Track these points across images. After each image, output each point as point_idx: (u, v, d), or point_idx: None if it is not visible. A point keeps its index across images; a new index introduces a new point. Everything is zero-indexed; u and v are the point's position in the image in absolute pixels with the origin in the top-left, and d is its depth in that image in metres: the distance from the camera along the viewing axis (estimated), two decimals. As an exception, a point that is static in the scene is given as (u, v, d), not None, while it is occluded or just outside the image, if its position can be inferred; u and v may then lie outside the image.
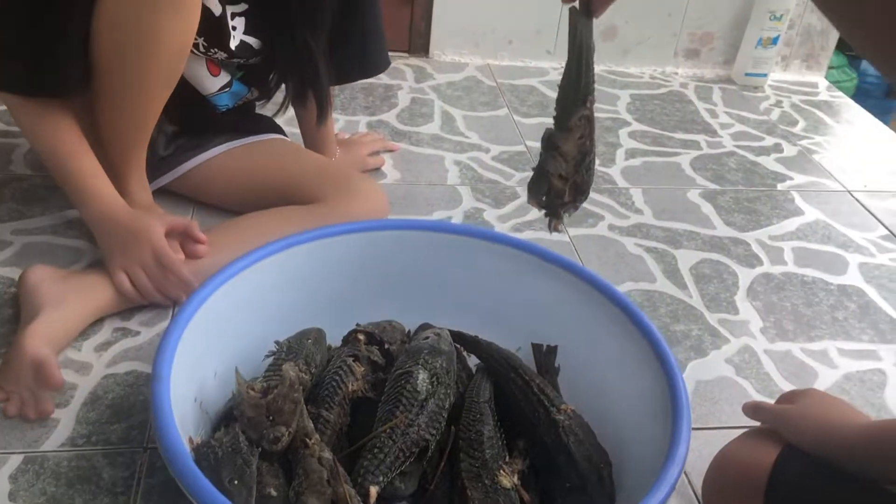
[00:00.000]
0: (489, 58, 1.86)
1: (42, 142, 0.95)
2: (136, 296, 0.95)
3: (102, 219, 0.96)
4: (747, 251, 1.26)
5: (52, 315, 0.87)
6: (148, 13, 0.87)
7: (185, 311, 0.76)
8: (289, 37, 1.06)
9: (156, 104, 0.98)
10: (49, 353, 0.82)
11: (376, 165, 1.37)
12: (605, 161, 1.48)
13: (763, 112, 1.78)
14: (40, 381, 0.81)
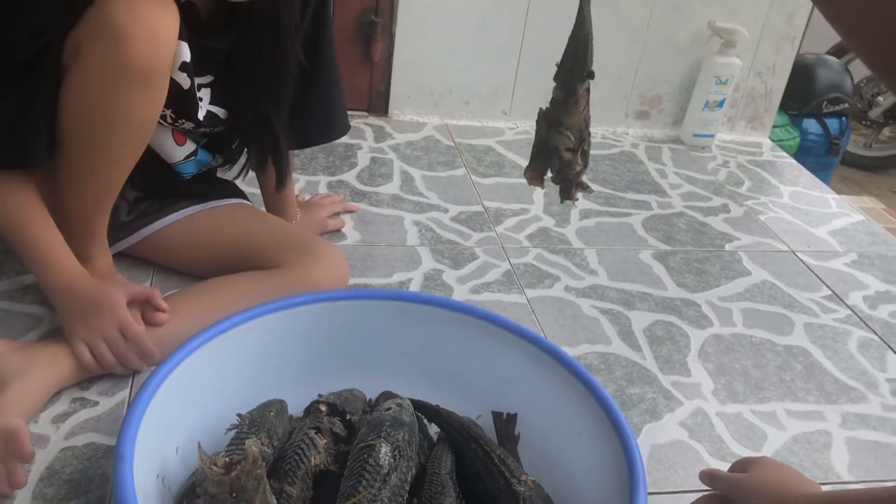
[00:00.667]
0: (447, 118, 1.90)
1: (4, 221, 0.95)
2: (97, 367, 0.95)
3: (62, 289, 0.96)
4: (698, 312, 1.30)
5: (20, 385, 0.87)
6: (118, 89, 0.89)
7: (148, 388, 0.76)
8: (251, 107, 1.08)
9: (121, 174, 0.99)
10: (21, 424, 0.81)
11: (336, 227, 1.39)
12: (559, 221, 1.52)
13: (710, 172, 1.84)
14: (12, 452, 0.80)
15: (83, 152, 0.95)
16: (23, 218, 0.95)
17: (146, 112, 0.93)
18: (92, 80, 0.89)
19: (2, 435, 0.80)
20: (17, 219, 0.95)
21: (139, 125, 0.94)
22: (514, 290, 1.29)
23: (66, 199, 1.00)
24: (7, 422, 0.81)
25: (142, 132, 0.96)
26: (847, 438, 1.08)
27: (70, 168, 0.96)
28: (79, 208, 1.01)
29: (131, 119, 0.92)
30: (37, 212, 0.96)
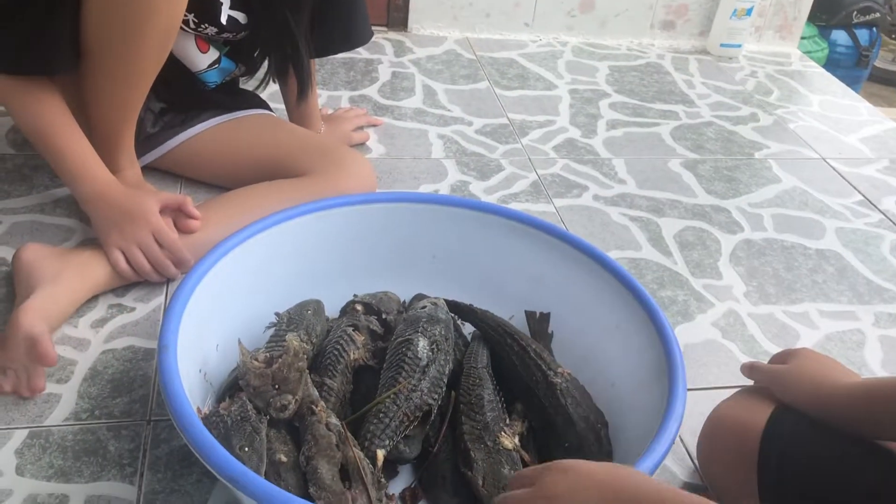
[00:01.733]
0: (468, 31, 1.86)
1: (31, 121, 0.95)
2: (132, 275, 0.96)
3: (96, 198, 0.96)
4: (728, 218, 1.29)
5: (48, 292, 0.87)
6: None
7: (187, 285, 0.77)
8: (270, 13, 1.06)
9: (145, 81, 0.97)
10: (43, 330, 0.82)
11: (361, 141, 1.38)
12: (586, 132, 1.50)
13: (738, 82, 1.80)
14: (33, 357, 0.81)
15: (108, 60, 0.93)
16: (52, 127, 0.94)
17: (169, 15, 0.91)
18: None
19: (25, 340, 0.81)
20: (47, 128, 0.94)
21: (163, 30, 0.92)
22: (541, 199, 1.28)
23: (93, 110, 0.99)
24: (29, 328, 0.82)
25: (165, 37, 0.94)
26: (881, 336, 1.07)
27: (95, 77, 0.95)
28: (105, 119, 1.00)
29: (154, 21, 0.90)
30: (66, 121, 0.95)
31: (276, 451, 0.69)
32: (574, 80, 1.70)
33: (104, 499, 0.74)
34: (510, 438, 0.76)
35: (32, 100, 0.93)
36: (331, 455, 0.68)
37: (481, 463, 0.73)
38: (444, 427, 0.78)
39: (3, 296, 0.95)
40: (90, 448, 0.78)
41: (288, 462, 0.68)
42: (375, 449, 0.71)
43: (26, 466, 0.76)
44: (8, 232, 1.05)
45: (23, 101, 0.94)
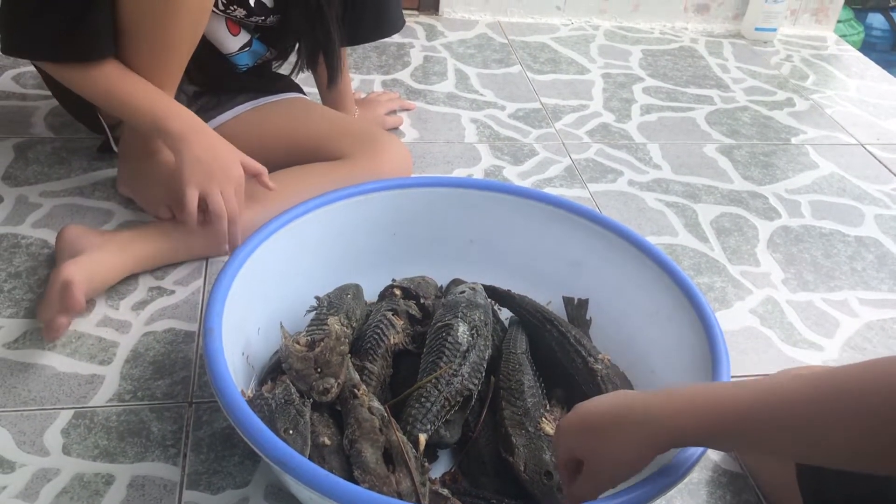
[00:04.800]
0: (499, 15, 1.85)
1: (95, 89, 0.95)
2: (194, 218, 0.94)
3: (190, 133, 0.94)
4: (765, 204, 1.27)
5: (92, 257, 0.89)
6: None
7: (229, 269, 0.77)
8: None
9: (179, 62, 0.98)
10: (80, 280, 0.85)
11: (395, 125, 1.37)
12: (620, 117, 1.48)
13: (774, 66, 1.78)
14: (64, 301, 0.83)
15: (142, 41, 0.94)
16: (121, 84, 0.94)
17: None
18: None
19: (60, 285, 0.83)
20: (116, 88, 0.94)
21: (196, 8, 0.92)
22: (576, 184, 1.27)
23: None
24: (68, 275, 0.84)
25: (198, 16, 0.94)
26: (922, 325, 1.06)
27: (130, 58, 0.95)
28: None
29: (188, 2, 0.91)
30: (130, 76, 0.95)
31: (320, 434, 0.69)
32: (607, 64, 1.69)
33: (149, 479, 0.75)
34: (551, 424, 0.75)
35: (89, 73, 0.94)
36: (374, 438, 0.68)
37: (522, 448, 0.73)
38: (483, 412, 0.78)
39: (46, 277, 0.96)
40: (134, 429, 0.79)
41: (332, 445, 0.69)
42: (417, 433, 0.71)
43: (72, 446, 0.77)
44: (49, 214, 1.06)
45: (81, 76, 0.94)
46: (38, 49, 0.94)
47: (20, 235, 1.02)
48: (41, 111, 1.27)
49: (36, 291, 0.94)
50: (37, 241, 1.01)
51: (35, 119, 1.25)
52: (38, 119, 1.26)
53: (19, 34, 0.93)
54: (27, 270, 0.97)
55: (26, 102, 1.29)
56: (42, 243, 1.01)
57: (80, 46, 0.91)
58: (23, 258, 0.98)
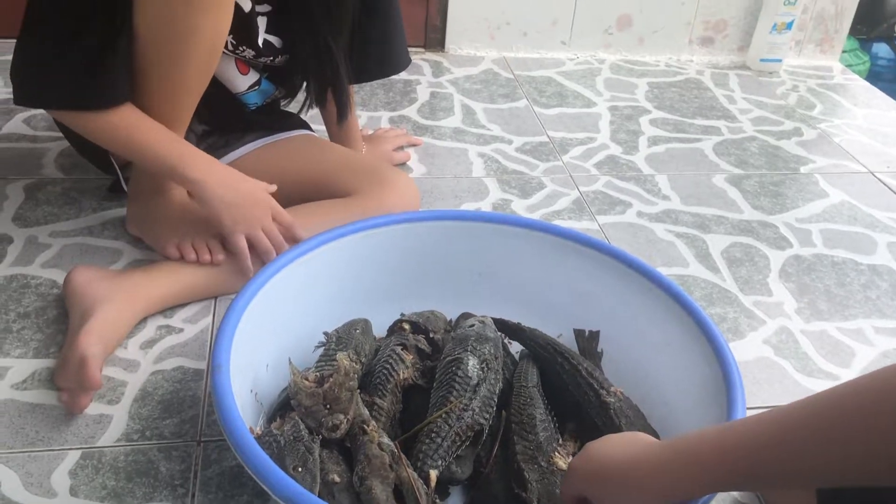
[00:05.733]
0: (504, 51, 1.86)
1: (112, 136, 0.95)
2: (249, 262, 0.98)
3: (210, 178, 0.96)
4: (776, 234, 1.27)
5: (104, 315, 0.88)
6: (186, 10, 0.88)
7: (237, 305, 0.77)
8: (310, 38, 1.07)
9: (190, 101, 0.99)
10: (96, 353, 0.83)
11: (402, 160, 1.38)
12: (628, 149, 1.48)
13: (780, 97, 1.78)
14: (81, 378, 0.82)
15: (154, 82, 0.95)
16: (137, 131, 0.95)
17: (214, 33, 0.93)
18: (161, 3, 0.88)
19: (76, 362, 0.82)
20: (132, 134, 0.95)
21: (207, 48, 0.93)
22: (585, 217, 1.27)
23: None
24: (84, 349, 0.83)
25: (210, 56, 0.95)
26: (940, 354, 1.04)
27: (142, 97, 0.96)
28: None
29: (199, 41, 0.92)
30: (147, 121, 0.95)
31: (329, 472, 0.68)
32: (613, 97, 1.69)
33: (156, 520, 0.74)
34: (564, 458, 0.74)
35: (103, 120, 0.94)
36: (384, 475, 0.67)
37: (535, 484, 0.72)
38: (495, 447, 0.77)
39: (55, 318, 0.96)
40: (142, 469, 0.78)
41: (341, 482, 0.68)
42: (428, 469, 0.70)
43: (80, 487, 0.76)
44: (58, 254, 1.06)
45: (96, 123, 0.94)
46: (52, 99, 0.95)
47: (30, 276, 1.02)
48: (52, 152, 1.28)
49: (45, 332, 0.94)
50: (46, 282, 1.01)
51: (45, 160, 1.26)
52: (49, 160, 1.27)
53: (32, 84, 0.94)
54: (36, 311, 0.97)
55: (37, 144, 1.30)
56: (51, 283, 1.01)
57: (97, 95, 0.92)
58: (32, 298, 0.99)
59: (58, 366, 0.87)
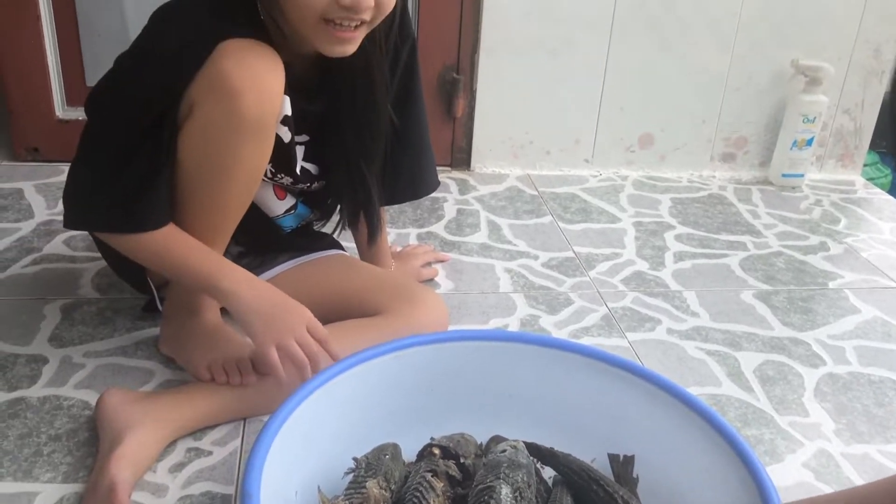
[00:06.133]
0: (528, 168, 1.91)
1: (147, 256, 0.98)
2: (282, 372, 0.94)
3: (242, 290, 0.96)
4: (808, 351, 1.25)
5: (135, 439, 0.88)
6: (230, 140, 0.93)
7: (268, 430, 0.77)
8: (344, 165, 1.11)
9: (229, 226, 1.02)
10: (125, 479, 0.83)
11: (430, 276, 1.39)
12: (654, 265, 1.49)
13: (804, 211, 1.79)
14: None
15: (196, 206, 0.98)
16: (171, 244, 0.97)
17: (255, 162, 0.97)
18: (206, 133, 0.93)
19: (105, 488, 0.82)
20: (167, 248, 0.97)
21: (248, 176, 0.97)
22: (614, 334, 1.26)
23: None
24: (114, 475, 0.83)
25: (250, 183, 0.99)
26: None
27: (183, 221, 0.99)
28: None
29: (242, 169, 0.95)
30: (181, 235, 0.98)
31: None
32: (637, 212, 1.72)
33: None
34: None
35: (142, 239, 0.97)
36: None
37: None
38: (530, 581, 0.75)
39: (86, 440, 0.96)
40: None
41: None
42: None
43: None
44: (91, 375, 1.07)
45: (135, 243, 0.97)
46: (97, 222, 0.99)
47: (62, 397, 1.03)
48: (89, 273, 1.32)
49: (75, 454, 0.94)
50: (78, 403, 1.02)
51: (83, 280, 1.29)
52: (86, 280, 1.30)
53: (80, 209, 0.98)
54: (67, 433, 0.97)
55: (75, 265, 1.34)
56: (83, 405, 1.01)
57: (139, 219, 0.95)
58: (63, 420, 0.99)
59: (87, 491, 0.86)
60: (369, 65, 1.04)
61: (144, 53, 0.94)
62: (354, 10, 0.90)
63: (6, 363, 1.08)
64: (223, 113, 0.91)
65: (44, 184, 1.63)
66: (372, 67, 1.04)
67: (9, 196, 1.57)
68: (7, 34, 1.61)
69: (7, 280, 1.28)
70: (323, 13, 0.90)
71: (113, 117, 0.95)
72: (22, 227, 1.45)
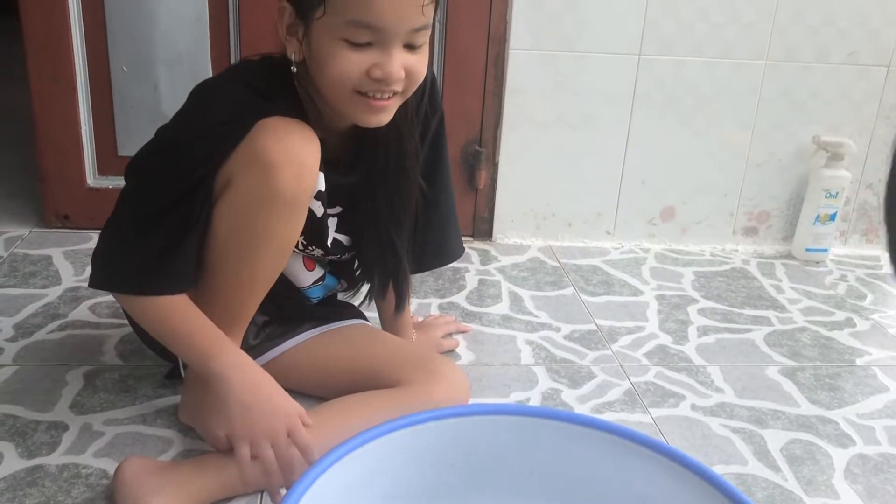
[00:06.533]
0: (550, 239, 1.91)
1: (151, 321, 0.99)
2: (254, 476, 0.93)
3: (232, 375, 0.94)
4: (837, 430, 1.22)
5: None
6: (265, 214, 0.95)
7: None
8: (375, 234, 1.12)
9: (256, 298, 1.03)
10: None
11: (451, 347, 1.39)
12: (678, 339, 1.48)
13: (829, 286, 1.78)
14: None
15: (226, 277, 0.99)
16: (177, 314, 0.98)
17: (287, 236, 0.98)
18: (241, 206, 0.95)
19: None
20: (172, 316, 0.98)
21: (279, 249, 0.99)
22: (637, 409, 1.24)
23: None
24: None
25: (281, 255, 1.00)
26: None
27: (210, 291, 1.00)
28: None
29: (273, 243, 0.97)
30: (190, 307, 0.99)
31: None
32: (660, 285, 1.71)
33: None
34: None
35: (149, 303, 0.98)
36: None
37: None
38: None
39: (102, 510, 0.95)
40: None
41: None
42: None
43: None
44: (110, 443, 1.07)
45: (142, 305, 0.99)
46: (113, 282, 1.00)
47: (81, 465, 1.02)
48: (112, 339, 1.33)
49: (90, 524, 0.93)
50: (97, 472, 1.01)
51: (106, 347, 1.30)
52: (109, 347, 1.30)
53: (102, 268, 1.00)
54: (84, 503, 0.96)
55: (99, 331, 1.35)
56: (101, 473, 1.01)
57: (156, 282, 0.97)
58: (81, 489, 0.98)
59: None
60: (401, 135, 1.06)
61: (186, 128, 0.97)
62: (386, 81, 0.93)
63: (27, 429, 1.09)
64: (259, 187, 0.93)
65: (72, 250, 1.66)
66: (403, 137, 1.07)
67: (38, 262, 1.59)
68: (44, 103, 1.66)
69: (32, 345, 1.29)
70: (356, 86, 0.94)
71: (149, 183, 0.98)
72: (49, 293, 1.47)
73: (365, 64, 0.92)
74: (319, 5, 0.91)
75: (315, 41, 0.94)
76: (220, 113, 0.95)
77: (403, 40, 0.93)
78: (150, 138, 1.01)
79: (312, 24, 0.93)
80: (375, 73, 0.92)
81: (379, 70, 0.92)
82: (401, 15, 0.91)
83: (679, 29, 1.76)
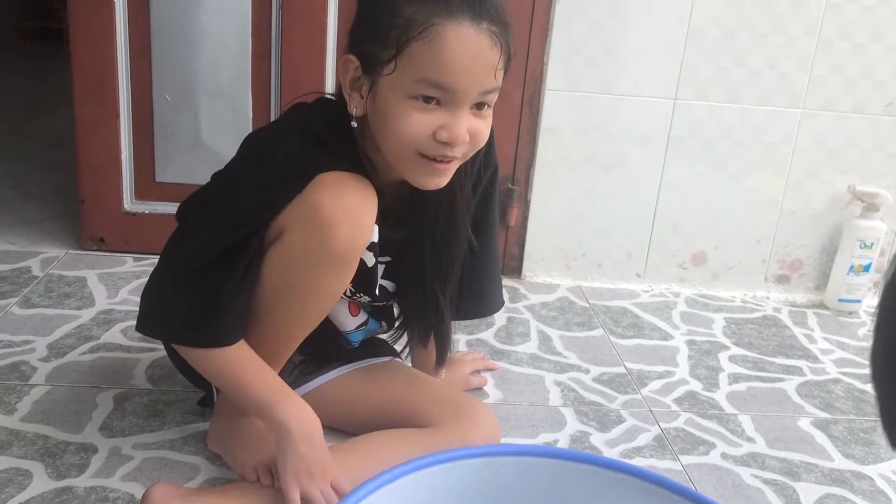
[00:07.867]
0: (580, 280, 1.91)
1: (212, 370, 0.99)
2: None
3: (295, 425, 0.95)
4: (872, 487, 1.20)
5: None
6: (316, 269, 0.94)
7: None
8: (420, 287, 1.10)
9: (297, 342, 1.04)
10: None
11: (479, 385, 1.38)
12: (708, 385, 1.46)
13: (863, 338, 1.75)
14: None
15: (270, 322, 1.00)
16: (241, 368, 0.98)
17: (335, 289, 0.98)
18: (294, 259, 0.94)
19: None
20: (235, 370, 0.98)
21: (326, 301, 0.99)
22: (667, 455, 1.23)
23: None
24: None
25: (328, 306, 1.01)
26: None
27: (253, 334, 1.00)
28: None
29: (321, 295, 0.98)
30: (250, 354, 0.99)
31: None
32: (690, 330, 1.70)
33: None
34: None
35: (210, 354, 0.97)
36: None
37: None
38: None
39: (128, 535, 0.95)
40: None
41: None
42: None
43: None
44: (138, 468, 1.07)
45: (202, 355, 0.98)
46: (168, 332, 1.00)
47: (109, 489, 1.03)
48: (143, 363, 1.33)
49: (116, 549, 0.93)
50: (124, 496, 1.01)
51: (136, 371, 1.31)
52: (140, 371, 1.31)
53: (154, 316, 0.99)
54: (111, 526, 0.96)
55: (130, 354, 1.36)
56: (129, 497, 1.01)
57: (211, 335, 0.96)
58: (108, 512, 0.99)
59: None
60: (453, 190, 1.04)
61: (240, 179, 0.97)
62: (451, 144, 0.91)
63: (57, 450, 1.09)
64: (314, 243, 0.92)
65: (107, 273, 1.68)
66: (456, 193, 1.05)
67: (72, 284, 1.62)
68: (88, 128, 1.70)
69: (64, 366, 1.31)
70: (420, 148, 0.92)
71: (201, 231, 0.97)
72: (82, 315, 1.48)
73: (432, 125, 0.91)
74: (390, 61, 0.89)
75: (381, 97, 0.92)
76: (277, 165, 0.94)
77: (473, 102, 0.92)
78: (205, 183, 1.02)
79: (380, 79, 0.92)
80: (442, 136, 0.91)
81: (445, 132, 0.90)
82: (474, 77, 0.89)
83: (716, 74, 1.77)
